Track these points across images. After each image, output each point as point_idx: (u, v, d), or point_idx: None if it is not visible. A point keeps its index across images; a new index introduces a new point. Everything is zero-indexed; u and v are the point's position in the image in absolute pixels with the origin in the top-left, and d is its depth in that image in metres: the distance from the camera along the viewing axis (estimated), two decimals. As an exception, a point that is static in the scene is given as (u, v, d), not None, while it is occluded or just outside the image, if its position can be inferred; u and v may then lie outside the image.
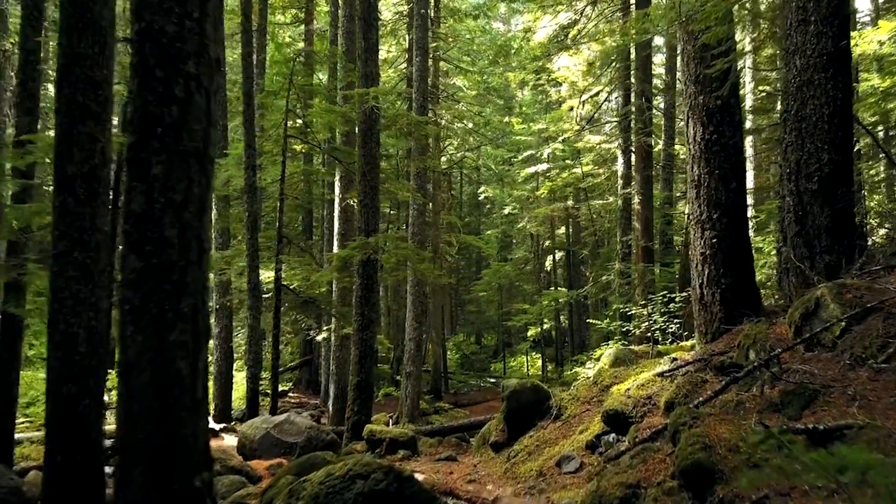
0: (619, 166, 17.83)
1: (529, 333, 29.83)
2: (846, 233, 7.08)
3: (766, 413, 4.32)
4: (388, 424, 18.04)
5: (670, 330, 13.72)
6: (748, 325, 6.03)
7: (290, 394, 21.84)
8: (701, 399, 4.86)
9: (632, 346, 14.58)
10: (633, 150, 17.22)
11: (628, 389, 6.72)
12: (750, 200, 24.46)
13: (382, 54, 25.40)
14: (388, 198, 24.51)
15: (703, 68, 6.77)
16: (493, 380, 30.90)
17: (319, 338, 15.43)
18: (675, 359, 6.82)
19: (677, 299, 13.26)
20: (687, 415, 4.59)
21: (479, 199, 36.06)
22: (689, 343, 13.69)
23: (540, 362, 29.13)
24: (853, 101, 7.51)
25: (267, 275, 14.38)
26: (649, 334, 13.77)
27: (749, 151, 24.33)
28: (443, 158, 28.59)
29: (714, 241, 6.72)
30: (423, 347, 20.75)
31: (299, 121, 15.65)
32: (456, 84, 26.84)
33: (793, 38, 7.47)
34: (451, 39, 22.55)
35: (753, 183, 24.73)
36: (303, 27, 22.43)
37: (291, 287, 14.34)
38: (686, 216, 17.20)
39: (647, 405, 6.05)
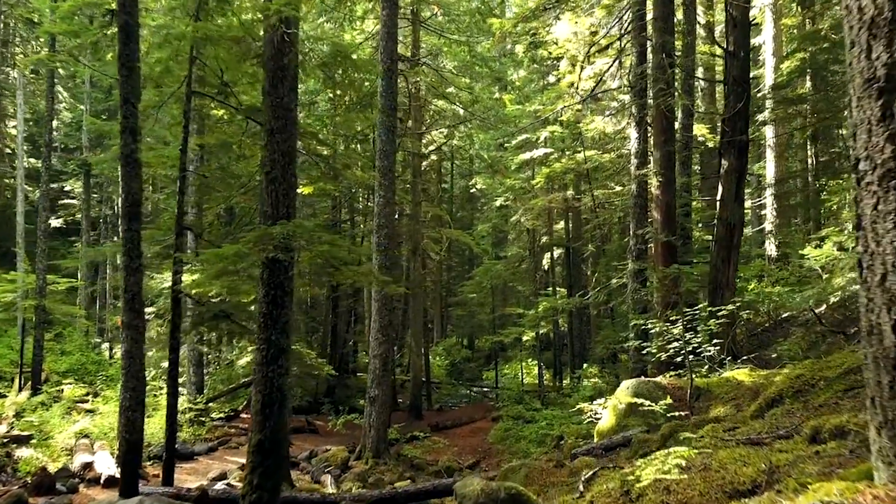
0: (632, 142, 13.70)
1: (525, 338, 25.67)
2: None
3: None
4: (347, 462, 14.01)
5: (706, 354, 9.63)
6: None
7: (243, 414, 17.77)
8: None
9: (655, 379, 10.45)
10: (651, 120, 13.11)
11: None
12: (770, 194, 20.32)
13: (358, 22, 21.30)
14: (363, 185, 20.44)
15: None
16: (486, 389, 26.81)
17: (242, 362, 11.40)
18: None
19: (720, 314, 9.17)
20: None
21: (472, 192, 31.94)
22: (740, 374, 9.61)
23: (536, 370, 25.00)
24: None
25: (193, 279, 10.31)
26: (679, 359, 9.69)
27: (770, 135, 20.20)
28: (431, 147, 24.52)
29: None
30: (392, 365, 16.70)
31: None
32: (446, 66, 22.72)
33: None
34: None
35: (775, 173, 20.60)
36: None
37: (209, 296, 10.28)
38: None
39: None
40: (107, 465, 11.83)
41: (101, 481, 11.42)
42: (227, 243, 7.96)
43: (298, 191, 11.26)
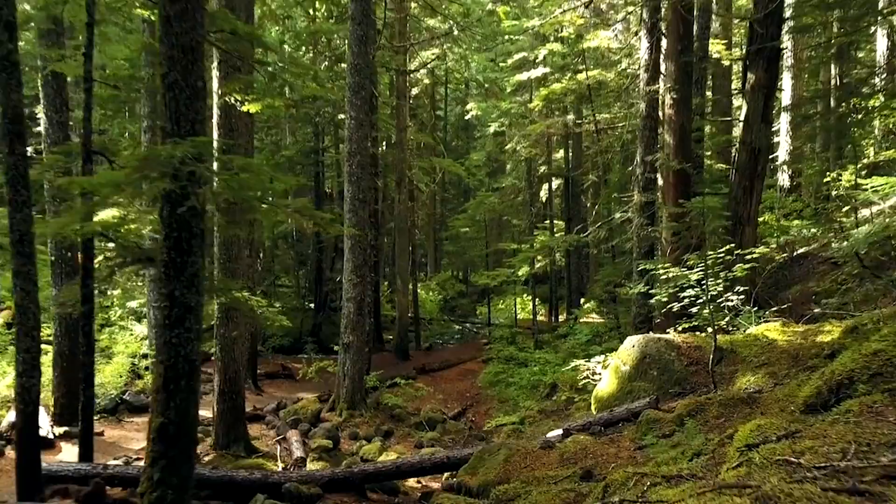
0: (642, 53, 11.49)
1: (520, 273, 23.91)
2: None
3: None
4: (319, 414, 12.48)
5: (728, 304, 7.81)
6: None
7: (213, 358, 16.17)
8: None
9: (665, 336, 8.65)
10: (665, 26, 10.88)
11: None
12: (786, 119, 18.10)
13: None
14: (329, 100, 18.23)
15: None
16: (478, 325, 25.30)
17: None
18: None
19: (748, 257, 7.28)
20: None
21: (468, 119, 29.54)
22: (770, 331, 7.74)
23: (531, 305, 23.35)
24: None
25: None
26: (695, 309, 7.86)
27: (788, 52, 17.78)
28: (422, 70, 22.11)
29: None
30: (370, 307, 15.03)
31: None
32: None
33: None
34: None
35: (792, 95, 18.32)
36: None
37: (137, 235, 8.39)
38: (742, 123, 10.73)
39: None
40: (40, 423, 10.27)
41: (34, 443, 9.87)
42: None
43: (245, 109, 9.22)
